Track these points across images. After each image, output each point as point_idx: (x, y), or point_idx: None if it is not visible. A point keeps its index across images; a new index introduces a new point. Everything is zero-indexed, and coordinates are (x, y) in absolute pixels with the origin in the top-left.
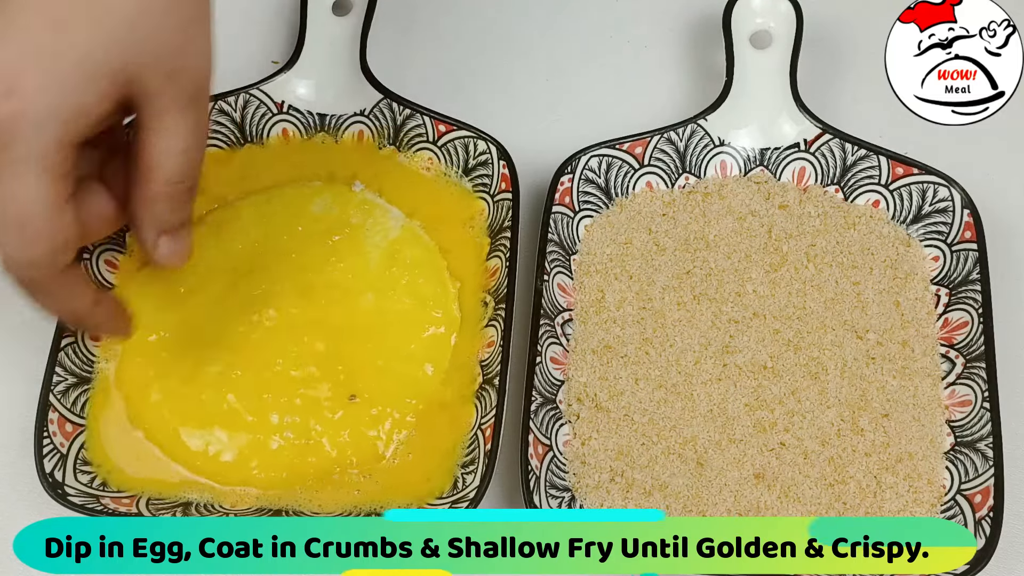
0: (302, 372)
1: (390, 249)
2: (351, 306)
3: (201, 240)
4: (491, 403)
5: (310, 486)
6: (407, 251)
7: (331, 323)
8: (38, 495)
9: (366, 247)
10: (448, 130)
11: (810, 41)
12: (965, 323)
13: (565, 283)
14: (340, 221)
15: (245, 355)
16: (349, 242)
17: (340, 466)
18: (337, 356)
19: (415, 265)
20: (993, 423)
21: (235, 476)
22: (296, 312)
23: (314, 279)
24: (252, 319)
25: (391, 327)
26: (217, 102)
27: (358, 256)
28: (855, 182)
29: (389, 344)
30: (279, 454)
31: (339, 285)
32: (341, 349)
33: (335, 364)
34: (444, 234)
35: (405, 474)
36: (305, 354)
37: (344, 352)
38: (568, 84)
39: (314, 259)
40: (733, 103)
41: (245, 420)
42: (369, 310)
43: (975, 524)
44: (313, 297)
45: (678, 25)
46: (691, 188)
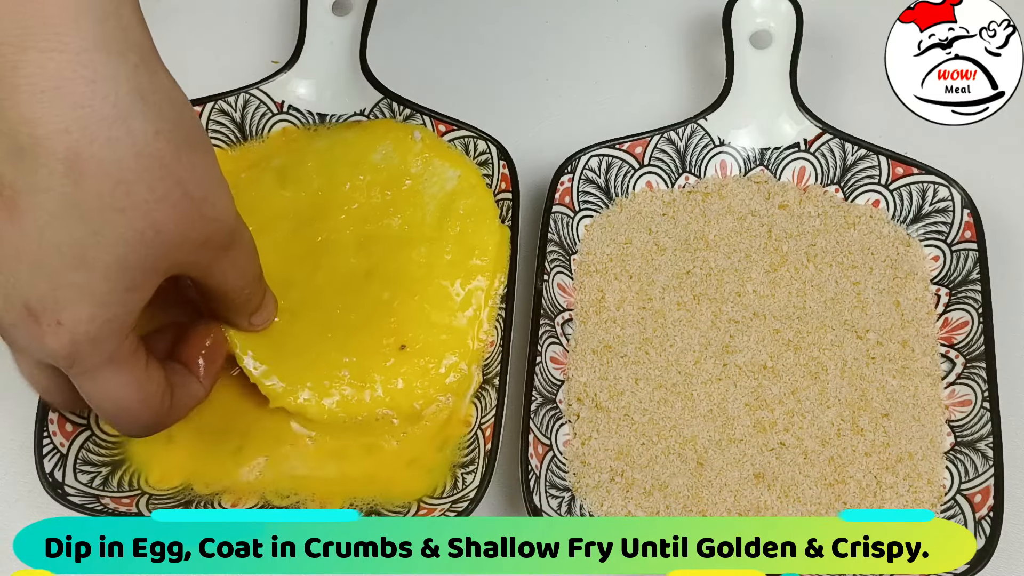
0: (358, 318)
1: (446, 200)
2: (405, 258)
3: (266, 186)
4: (491, 403)
5: (355, 429)
6: (461, 201)
7: (386, 273)
8: (38, 495)
9: (423, 198)
10: (448, 130)
11: (810, 41)
12: (965, 323)
13: (565, 283)
14: (400, 171)
15: (308, 296)
16: (407, 193)
17: (392, 409)
18: (390, 306)
19: (468, 214)
20: (993, 423)
21: (312, 411)
22: (354, 262)
23: (372, 229)
24: (313, 264)
25: (437, 279)
26: (217, 102)
27: (415, 208)
28: (855, 182)
29: (433, 295)
30: (339, 394)
31: (396, 236)
32: (394, 300)
33: (388, 315)
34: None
35: (424, 442)
36: (362, 302)
37: (396, 303)
38: (568, 84)
39: (373, 209)
40: (733, 103)
41: (312, 356)
42: (420, 262)
43: (975, 524)
44: (370, 248)
45: (678, 25)
46: (691, 188)
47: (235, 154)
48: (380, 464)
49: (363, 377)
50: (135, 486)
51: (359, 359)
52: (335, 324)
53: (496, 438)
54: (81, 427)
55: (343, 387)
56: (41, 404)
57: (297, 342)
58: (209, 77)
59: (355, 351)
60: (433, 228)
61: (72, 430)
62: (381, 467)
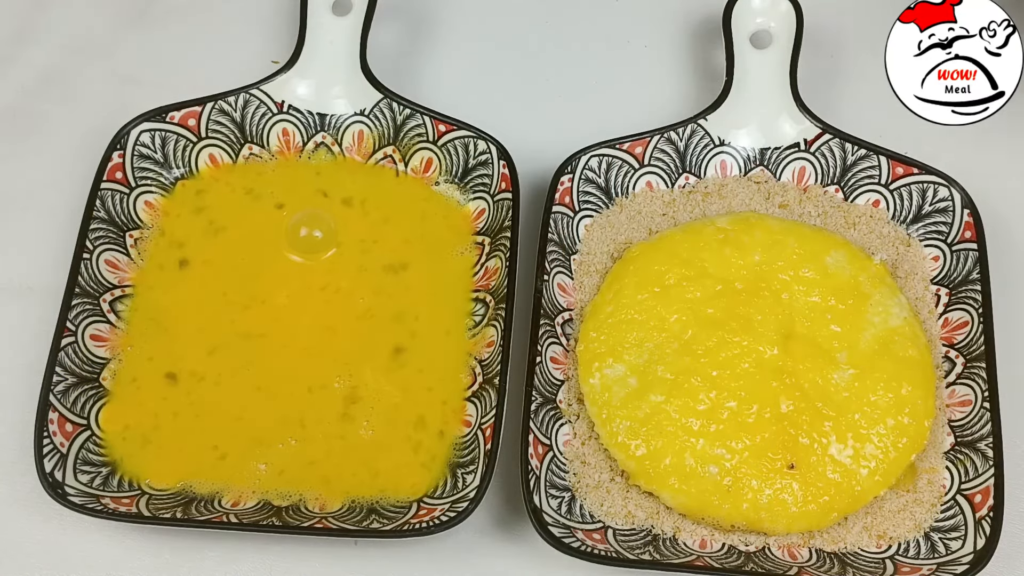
0: (756, 417)
1: (886, 336)
2: (825, 372)
3: (707, 237)
4: (491, 403)
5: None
6: (903, 345)
7: (799, 378)
8: (38, 495)
9: (862, 321)
10: (448, 130)
11: (810, 41)
12: (965, 323)
13: (565, 283)
14: (849, 284)
15: (703, 367)
16: (848, 309)
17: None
18: (790, 417)
19: (907, 364)
20: (993, 423)
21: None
22: (768, 356)
23: (801, 329)
24: (721, 337)
25: (852, 414)
26: (217, 102)
27: (852, 327)
28: (855, 182)
29: (843, 430)
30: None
31: (821, 346)
32: (797, 410)
33: (787, 424)
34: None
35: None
36: (764, 399)
37: (797, 414)
38: (568, 84)
39: (810, 309)
40: (733, 103)
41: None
42: (840, 386)
43: (975, 524)
44: (790, 347)
45: (678, 25)
46: (691, 188)
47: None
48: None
49: (743, 484)
50: (135, 486)
51: (734, 464)
52: (720, 407)
53: (496, 438)
54: (81, 427)
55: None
56: (41, 404)
57: (681, 428)
58: (209, 77)
59: (728, 448)
60: (863, 357)
61: (72, 430)
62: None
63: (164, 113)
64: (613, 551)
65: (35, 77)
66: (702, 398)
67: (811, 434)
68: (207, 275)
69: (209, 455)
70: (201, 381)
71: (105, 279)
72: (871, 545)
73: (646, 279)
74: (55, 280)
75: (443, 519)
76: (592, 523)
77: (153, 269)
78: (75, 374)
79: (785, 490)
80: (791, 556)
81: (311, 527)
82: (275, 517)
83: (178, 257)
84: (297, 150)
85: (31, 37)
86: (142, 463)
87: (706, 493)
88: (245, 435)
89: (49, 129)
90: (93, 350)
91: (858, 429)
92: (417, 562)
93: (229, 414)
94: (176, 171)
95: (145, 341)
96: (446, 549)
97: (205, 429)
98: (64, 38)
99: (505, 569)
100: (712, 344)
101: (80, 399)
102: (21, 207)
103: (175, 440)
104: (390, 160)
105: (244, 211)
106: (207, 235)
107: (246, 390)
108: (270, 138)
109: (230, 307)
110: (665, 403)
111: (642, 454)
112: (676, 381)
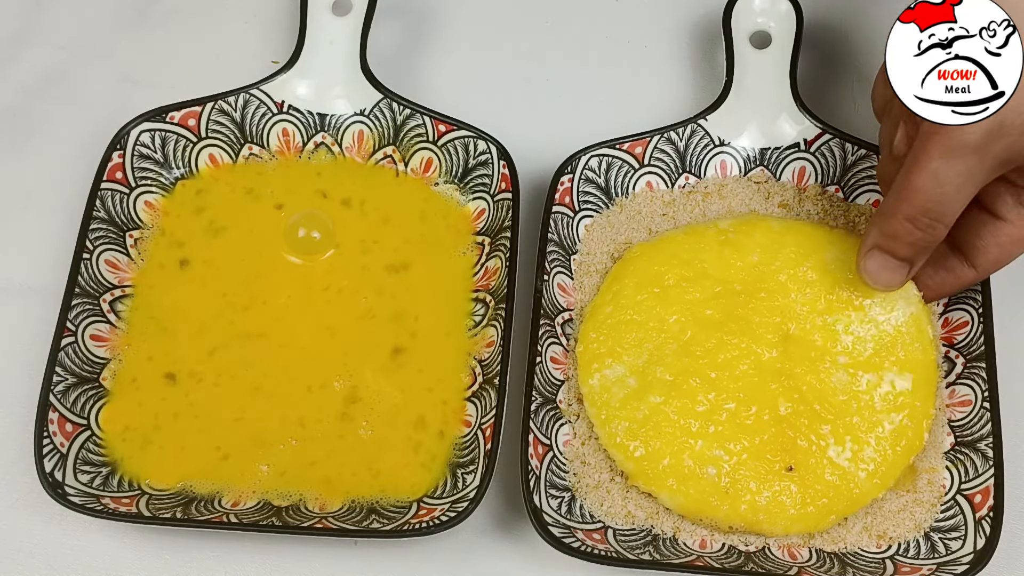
0: (754, 419)
1: (887, 335)
2: (824, 374)
3: (708, 239)
4: (491, 403)
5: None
6: (905, 344)
7: (797, 380)
8: (38, 495)
9: (864, 320)
10: (448, 130)
11: (810, 41)
12: (965, 323)
13: (565, 283)
14: (850, 280)
15: (701, 369)
16: (849, 307)
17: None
18: (788, 419)
19: (908, 365)
20: (993, 423)
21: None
22: (767, 358)
23: (800, 331)
24: (720, 339)
25: (850, 416)
26: (217, 102)
27: (852, 326)
28: (855, 181)
29: (841, 432)
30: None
31: (820, 347)
32: (795, 412)
33: (785, 426)
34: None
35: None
36: (763, 400)
37: (796, 416)
38: (568, 84)
39: (809, 311)
40: (733, 103)
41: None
42: (839, 388)
43: (975, 524)
44: (788, 348)
45: (678, 25)
46: (691, 188)
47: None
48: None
49: (741, 485)
50: (135, 486)
51: (732, 465)
52: (719, 409)
53: (496, 438)
54: (81, 427)
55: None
56: (41, 404)
57: (679, 429)
58: (209, 77)
59: (726, 450)
60: (866, 359)
61: (72, 430)
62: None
63: (164, 113)
64: (613, 551)
65: (35, 77)
66: (701, 399)
67: (809, 436)
68: (207, 275)
69: (210, 456)
70: (201, 381)
71: (105, 279)
72: (871, 545)
73: (646, 280)
74: (55, 280)
75: (443, 519)
76: (592, 523)
77: (153, 269)
78: (75, 374)
79: (783, 492)
80: (791, 556)
81: (311, 527)
82: (275, 517)
83: (178, 257)
84: (297, 150)
85: (31, 37)
86: (142, 463)
87: (704, 494)
88: (245, 435)
89: (49, 129)
90: (93, 350)
91: (856, 432)
92: (417, 562)
93: (229, 414)
94: (176, 171)
95: (145, 341)
96: (446, 549)
97: (205, 429)
98: (64, 38)
99: (505, 569)
100: (711, 345)
101: (80, 399)
102: (21, 207)
103: (175, 440)
104: (390, 160)
105: (244, 211)
106: (207, 235)
107: (246, 390)
108: (270, 138)
109: (230, 307)
110: (664, 404)
111: (640, 455)
112: (675, 382)
